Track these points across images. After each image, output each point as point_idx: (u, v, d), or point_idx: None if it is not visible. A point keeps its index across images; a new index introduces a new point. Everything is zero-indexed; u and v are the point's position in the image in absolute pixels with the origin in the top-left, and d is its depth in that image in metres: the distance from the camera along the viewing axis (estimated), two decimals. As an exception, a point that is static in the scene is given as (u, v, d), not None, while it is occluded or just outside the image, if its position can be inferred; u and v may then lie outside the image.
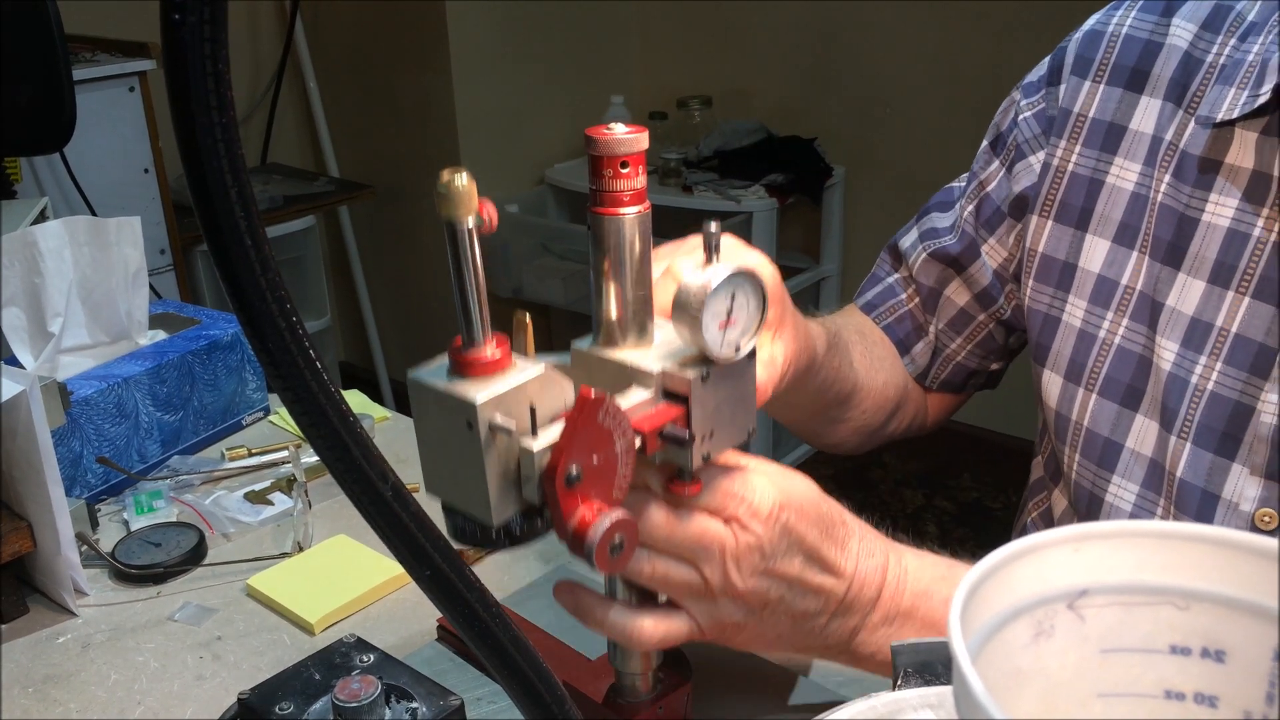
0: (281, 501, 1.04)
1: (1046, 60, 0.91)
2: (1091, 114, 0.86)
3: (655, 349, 0.58)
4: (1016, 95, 0.93)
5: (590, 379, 0.57)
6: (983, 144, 0.95)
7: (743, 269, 0.55)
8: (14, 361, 1.07)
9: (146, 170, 2.36)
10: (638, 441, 0.55)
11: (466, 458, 0.51)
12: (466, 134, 2.95)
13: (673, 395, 0.56)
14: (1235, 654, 0.37)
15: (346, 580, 0.91)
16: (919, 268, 0.98)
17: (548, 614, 0.83)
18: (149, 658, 0.85)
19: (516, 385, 0.51)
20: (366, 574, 0.91)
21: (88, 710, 0.79)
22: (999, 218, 0.92)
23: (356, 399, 1.25)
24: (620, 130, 0.54)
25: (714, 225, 0.55)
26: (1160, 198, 0.80)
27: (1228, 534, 0.36)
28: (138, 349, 1.13)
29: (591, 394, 0.51)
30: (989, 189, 0.93)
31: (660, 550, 0.60)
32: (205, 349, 1.14)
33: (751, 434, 0.60)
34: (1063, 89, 0.88)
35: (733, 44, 3.08)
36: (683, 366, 0.56)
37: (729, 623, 0.62)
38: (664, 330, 0.59)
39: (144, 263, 1.14)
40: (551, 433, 0.52)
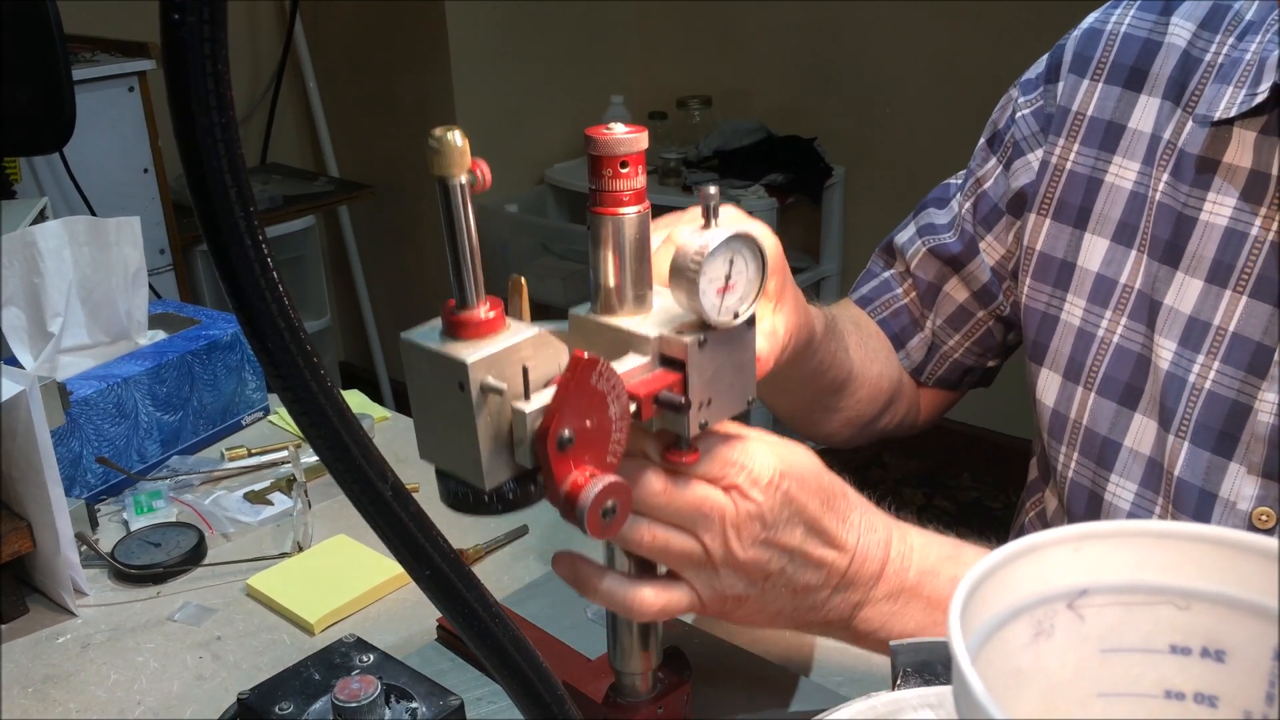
0: (281, 501, 1.04)
1: (1045, 58, 0.91)
2: (1090, 112, 0.86)
3: (653, 315, 0.57)
4: (1014, 92, 0.92)
5: (588, 345, 0.56)
6: (980, 141, 0.95)
7: (742, 232, 0.54)
8: (13, 361, 1.07)
9: (146, 170, 2.36)
10: (632, 407, 0.53)
11: (458, 420, 0.50)
12: (466, 133, 2.94)
13: (670, 361, 0.55)
14: (1235, 654, 0.37)
15: (346, 580, 0.91)
16: (917, 263, 0.97)
17: (548, 614, 0.83)
18: (149, 658, 0.85)
19: (509, 346, 0.50)
20: (366, 574, 0.91)
21: (87, 710, 0.79)
22: (996, 215, 0.92)
23: (356, 399, 1.25)
24: (620, 130, 0.54)
25: (713, 189, 0.54)
26: (1158, 196, 0.80)
27: (1228, 534, 0.36)
28: (137, 349, 1.13)
29: (585, 356, 0.51)
30: (986, 186, 0.93)
31: (659, 519, 0.58)
32: (205, 349, 1.14)
33: (751, 403, 0.59)
34: (1061, 87, 0.88)
35: (733, 44, 3.08)
36: (680, 332, 0.55)
37: (730, 594, 0.61)
38: (663, 297, 0.58)
39: (144, 263, 1.14)
40: (545, 395, 0.51)
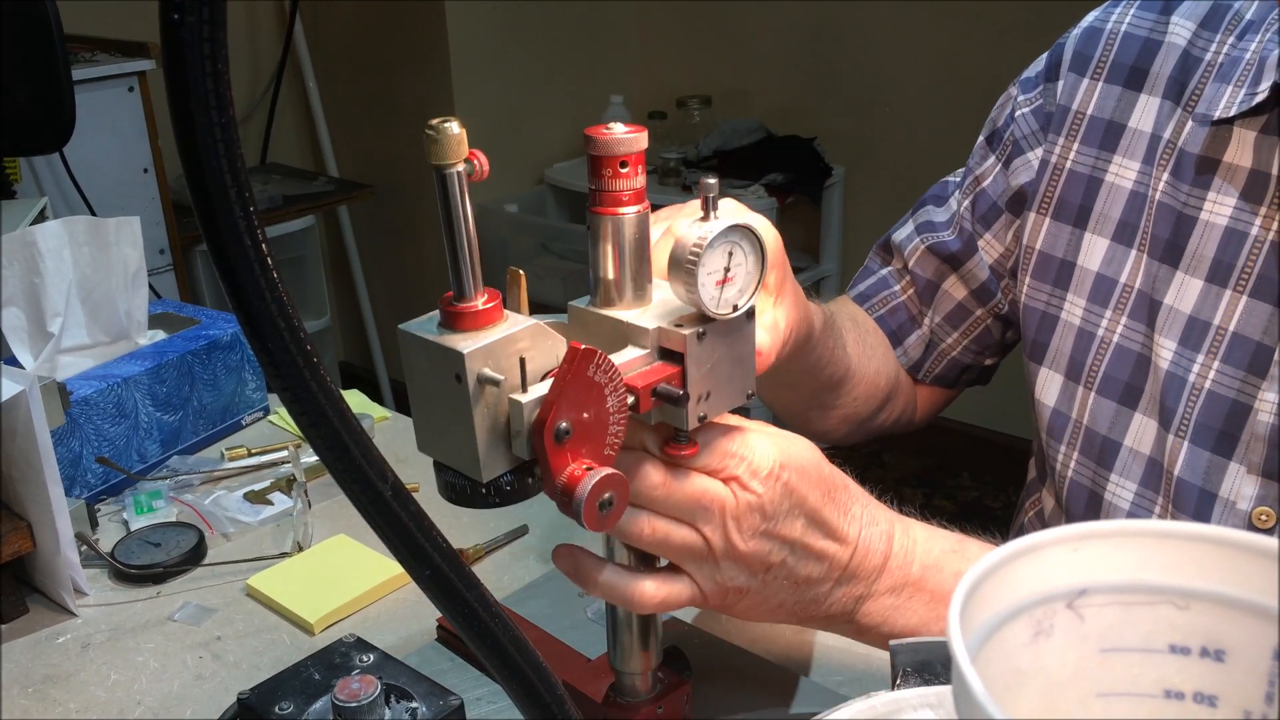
0: (281, 501, 1.04)
1: (1044, 56, 0.91)
2: (1090, 111, 0.86)
3: (652, 307, 0.57)
4: (1013, 90, 0.92)
5: (586, 337, 0.56)
6: (979, 139, 0.95)
7: (741, 224, 0.54)
8: (13, 361, 1.07)
9: (146, 170, 2.36)
10: (630, 399, 0.53)
11: (455, 411, 0.50)
12: (466, 133, 2.95)
13: (668, 353, 0.55)
14: (1235, 653, 0.37)
15: (346, 580, 0.91)
16: (916, 260, 0.97)
17: (548, 614, 0.83)
18: (149, 658, 0.85)
19: (505, 336, 0.50)
20: (366, 574, 0.91)
21: (87, 710, 0.79)
22: (995, 213, 0.92)
23: (356, 399, 1.25)
24: (619, 130, 0.54)
25: (712, 180, 0.54)
26: (1159, 196, 0.80)
27: (1227, 533, 0.36)
28: (137, 349, 1.13)
29: (582, 348, 0.50)
30: (985, 184, 0.93)
31: (658, 511, 0.58)
32: (205, 349, 1.14)
33: (750, 397, 0.58)
34: (1061, 85, 0.88)
35: (732, 44, 3.08)
36: (679, 324, 0.55)
37: (731, 587, 0.61)
38: (662, 290, 0.58)
39: (143, 263, 1.14)
40: (542, 387, 0.51)
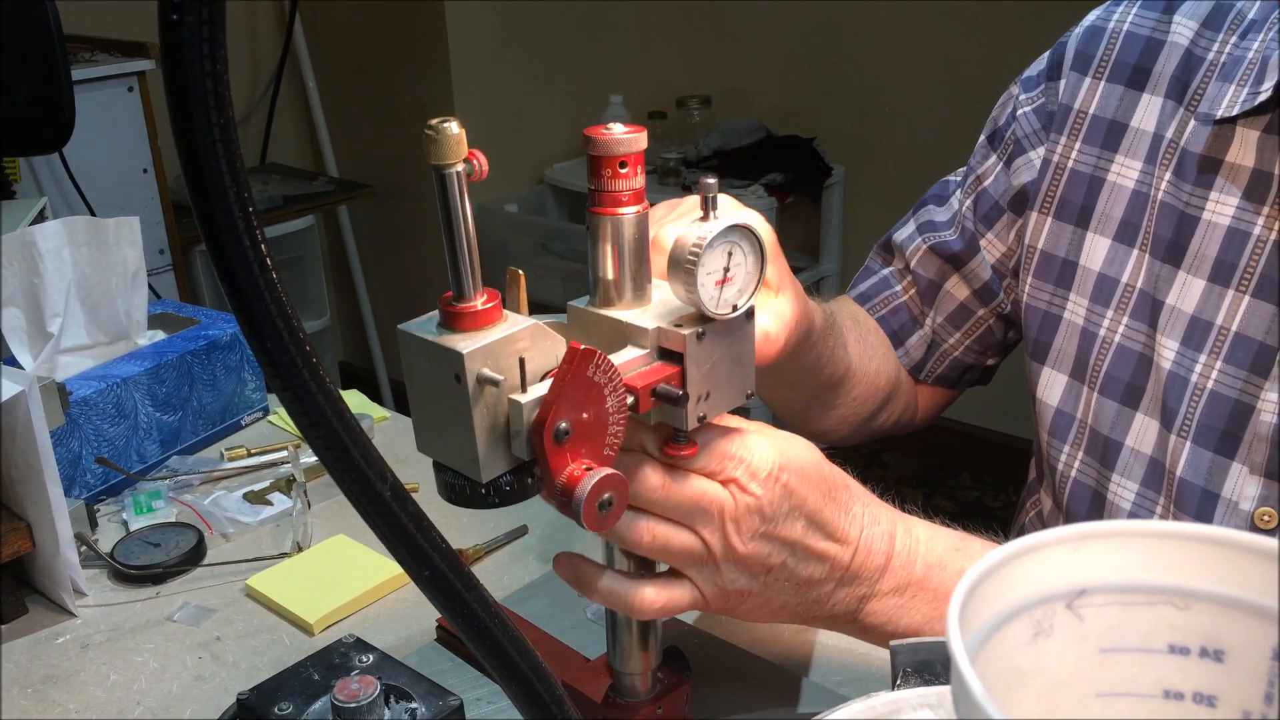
0: (281, 501, 1.04)
1: (1046, 55, 0.91)
2: (1092, 111, 0.85)
3: (652, 307, 0.57)
4: (1015, 89, 0.92)
5: (586, 337, 0.56)
6: (980, 138, 0.95)
7: (740, 224, 0.54)
8: (13, 362, 1.07)
9: (145, 170, 2.36)
10: (630, 399, 0.53)
11: (454, 411, 0.50)
12: (465, 133, 2.95)
13: (668, 353, 0.55)
14: (1234, 654, 0.37)
15: (345, 580, 0.91)
16: (917, 260, 0.97)
17: (547, 614, 0.83)
18: (148, 658, 0.85)
19: (505, 336, 0.50)
20: (366, 574, 0.91)
21: (87, 710, 0.79)
22: (997, 212, 0.92)
23: (356, 399, 1.25)
24: (619, 130, 0.54)
25: (711, 180, 0.54)
26: (1161, 196, 0.80)
27: (1227, 534, 0.36)
28: (137, 349, 1.13)
29: (582, 348, 0.50)
30: (986, 184, 0.93)
31: (657, 514, 0.58)
32: (204, 349, 1.14)
33: (749, 397, 0.58)
34: (1062, 85, 0.88)
35: (732, 44, 3.08)
36: (678, 324, 0.55)
37: (732, 590, 0.60)
38: (662, 290, 0.58)
39: (143, 263, 1.14)
40: (542, 387, 0.51)
